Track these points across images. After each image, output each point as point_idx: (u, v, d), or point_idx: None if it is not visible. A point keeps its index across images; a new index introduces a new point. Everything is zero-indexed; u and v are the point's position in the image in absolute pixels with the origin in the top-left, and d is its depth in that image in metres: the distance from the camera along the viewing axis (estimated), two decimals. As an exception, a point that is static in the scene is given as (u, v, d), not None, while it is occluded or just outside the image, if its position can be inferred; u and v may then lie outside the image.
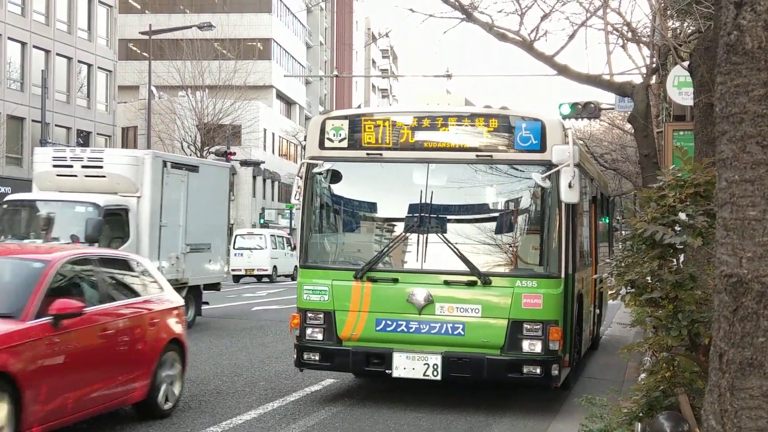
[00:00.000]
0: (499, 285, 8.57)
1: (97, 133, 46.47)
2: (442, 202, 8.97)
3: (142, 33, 43.53)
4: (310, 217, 9.29)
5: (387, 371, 8.71)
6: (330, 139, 9.17)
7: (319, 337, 8.92)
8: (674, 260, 6.73)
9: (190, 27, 43.73)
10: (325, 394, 9.73)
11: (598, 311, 13.39)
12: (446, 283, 8.67)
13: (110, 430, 7.81)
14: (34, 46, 41.29)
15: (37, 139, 36.97)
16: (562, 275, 8.62)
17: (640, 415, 6.64)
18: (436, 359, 8.54)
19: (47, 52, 42.11)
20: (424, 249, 8.78)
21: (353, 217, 9.67)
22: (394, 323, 8.69)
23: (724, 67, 3.12)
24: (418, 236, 8.83)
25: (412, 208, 8.97)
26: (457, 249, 8.67)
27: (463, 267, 8.61)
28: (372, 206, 9.67)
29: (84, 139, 44.90)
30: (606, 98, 27.25)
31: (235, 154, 49.01)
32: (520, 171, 8.87)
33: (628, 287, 6.43)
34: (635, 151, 21.37)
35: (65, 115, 43.14)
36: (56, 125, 41.52)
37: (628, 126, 21.32)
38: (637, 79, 15.55)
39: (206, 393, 9.58)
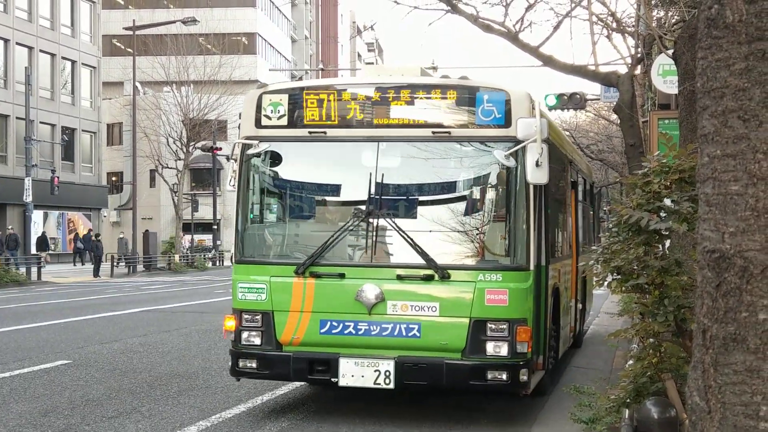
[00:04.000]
0: (460, 279, 7.51)
1: (82, 130, 46.31)
2: (395, 186, 7.95)
3: (126, 29, 43.40)
4: (246, 206, 8.25)
5: (333, 380, 7.67)
6: (267, 117, 8.11)
7: (257, 341, 7.90)
8: (660, 246, 6.76)
9: (174, 22, 43.69)
10: (316, 386, 9.71)
11: (580, 306, 12.16)
12: (399, 278, 7.61)
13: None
14: (17, 43, 41.10)
15: (22, 137, 36.81)
16: (532, 267, 7.58)
17: (628, 401, 6.68)
18: (389, 365, 7.50)
19: (30, 48, 41.92)
20: (374, 240, 7.80)
21: (294, 204, 8.54)
22: (341, 325, 7.68)
23: (704, 42, 3.11)
24: (368, 225, 7.82)
25: (361, 193, 7.91)
26: (412, 239, 7.60)
27: (419, 259, 7.56)
28: (315, 192, 8.47)
29: (69, 135, 44.71)
30: (591, 89, 27.41)
31: (221, 149, 48.94)
32: (483, 149, 7.74)
33: (614, 274, 6.42)
34: (621, 142, 21.44)
35: (50, 111, 42.96)
36: (41, 122, 41.35)
37: (614, 116, 21.40)
38: (622, 69, 15.63)
39: (195, 388, 9.55)
